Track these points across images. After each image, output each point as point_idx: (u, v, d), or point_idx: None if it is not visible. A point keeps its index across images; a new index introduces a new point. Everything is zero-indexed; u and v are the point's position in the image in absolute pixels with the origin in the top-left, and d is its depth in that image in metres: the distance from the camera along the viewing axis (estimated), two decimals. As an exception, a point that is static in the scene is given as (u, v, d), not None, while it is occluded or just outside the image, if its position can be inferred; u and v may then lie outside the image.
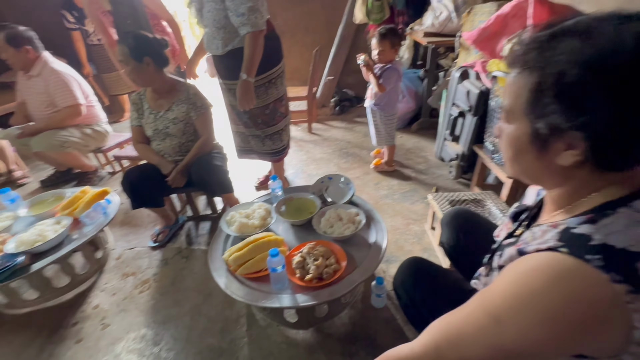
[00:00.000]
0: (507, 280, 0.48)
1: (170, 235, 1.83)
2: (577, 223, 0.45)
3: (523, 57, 0.47)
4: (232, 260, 1.17)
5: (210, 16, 1.53)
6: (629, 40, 0.38)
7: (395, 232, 1.73)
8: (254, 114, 1.78)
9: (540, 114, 0.45)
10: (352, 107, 3.63)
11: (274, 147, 1.94)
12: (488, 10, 1.99)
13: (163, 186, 1.69)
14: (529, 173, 0.54)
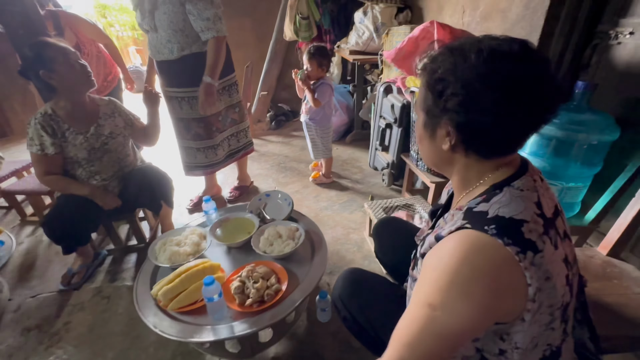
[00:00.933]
0: (429, 267, 0.55)
1: (87, 275, 1.59)
2: (476, 203, 0.55)
3: (423, 65, 0.59)
4: (161, 295, 1.05)
5: (167, 19, 1.49)
6: (473, 56, 0.50)
7: (336, 242, 1.76)
8: (208, 122, 1.77)
9: (425, 105, 0.58)
10: (288, 121, 3.66)
11: (224, 153, 1.93)
12: (403, 31, 2.21)
13: (92, 220, 1.50)
14: (430, 158, 0.65)
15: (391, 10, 2.58)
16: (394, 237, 1.11)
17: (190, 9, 1.47)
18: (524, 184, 0.54)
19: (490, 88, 0.49)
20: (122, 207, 1.56)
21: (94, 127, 1.46)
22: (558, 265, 0.52)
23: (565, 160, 1.22)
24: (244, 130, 2.03)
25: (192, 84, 1.63)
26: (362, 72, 2.87)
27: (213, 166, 1.94)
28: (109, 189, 1.54)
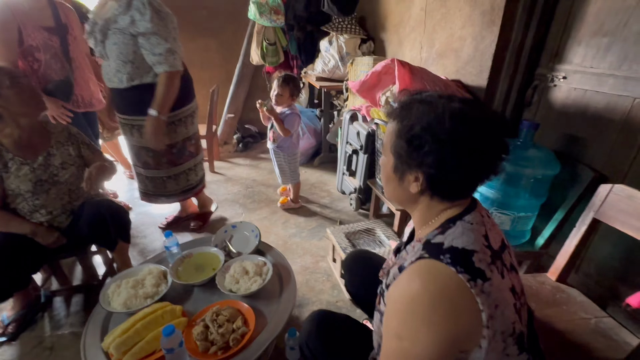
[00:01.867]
0: (393, 299, 0.59)
1: (26, 322, 1.42)
2: (433, 235, 0.60)
3: (393, 112, 0.64)
4: (114, 349, 0.96)
5: (116, 49, 1.46)
6: (447, 120, 0.56)
7: (305, 272, 1.74)
8: (159, 153, 1.71)
9: (397, 152, 0.62)
10: (255, 143, 3.62)
11: (178, 188, 1.85)
12: (367, 62, 2.31)
13: (34, 260, 1.35)
14: (395, 196, 0.69)
15: (355, 41, 2.70)
16: (364, 271, 1.12)
17: (142, 42, 1.45)
18: (474, 219, 0.61)
19: (463, 150, 0.56)
20: (71, 244, 1.44)
21: (43, 156, 1.35)
22: (506, 293, 0.57)
23: (515, 191, 1.32)
24: (200, 162, 1.96)
25: (142, 113, 1.57)
26: (329, 98, 2.94)
27: (164, 197, 1.87)
28: (54, 224, 1.40)
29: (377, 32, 2.78)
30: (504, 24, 1.52)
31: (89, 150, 1.49)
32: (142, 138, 1.67)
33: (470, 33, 1.72)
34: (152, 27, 1.42)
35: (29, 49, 1.62)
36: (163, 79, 1.51)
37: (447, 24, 1.89)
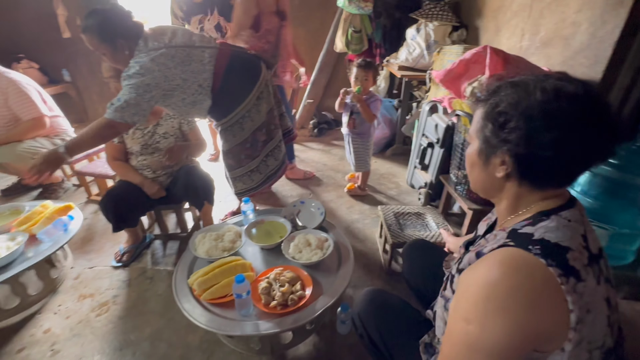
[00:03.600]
0: (466, 283, 0.56)
1: (135, 254, 1.77)
2: (521, 226, 0.57)
3: (482, 97, 0.62)
4: (196, 285, 1.15)
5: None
6: (538, 93, 0.52)
7: (364, 257, 1.77)
8: (235, 152, 1.69)
9: (483, 134, 0.60)
10: (330, 129, 3.73)
11: (261, 176, 1.81)
12: (455, 51, 2.17)
13: (142, 205, 1.70)
14: (480, 183, 0.66)
15: (445, 28, 2.54)
16: (423, 260, 1.11)
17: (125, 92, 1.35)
18: (572, 216, 0.55)
19: (553, 125, 0.51)
20: (169, 199, 1.75)
21: (153, 125, 1.64)
22: (600, 302, 0.51)
23: (620, 203, 1.13)
24: (277, 146, 1.85)
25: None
26: (409, 88, 2.85)
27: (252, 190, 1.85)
28: (158, 181, 1.72)
29: (472, 19, 2.57)
30: (634, 6, 1.27)
31: (187, 126, 1.76)
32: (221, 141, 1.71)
33: (588, 17, 1.47)
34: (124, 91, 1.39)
35: (265, 33, 1.97)
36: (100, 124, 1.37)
37: (559, 7, 1.65)
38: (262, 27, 1.97)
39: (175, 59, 1.36)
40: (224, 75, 1.50)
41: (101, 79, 4.12)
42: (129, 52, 1.34)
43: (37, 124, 2.12)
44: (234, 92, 1.57)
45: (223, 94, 1.51)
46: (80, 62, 4.07)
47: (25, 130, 2.11)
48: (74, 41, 3.91)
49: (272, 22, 2.01)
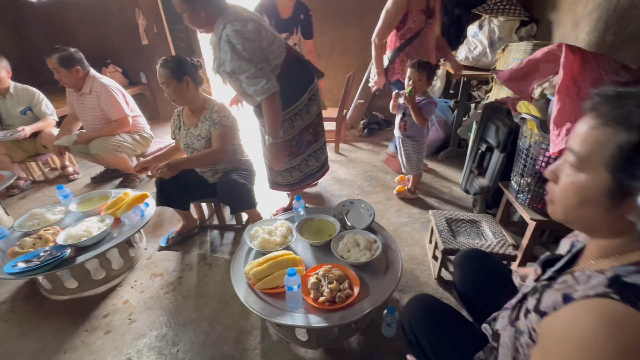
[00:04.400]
0: (557, 337, 0.48)
1: (178, 240, 1.97)
2: (628, 272, 0.46)
3: (604, 109, 0.49)
4: (252, 274, 1.24)
5: (231, 86, 1.61)
6: None
7: (412, 261, 1.74)
8: (282, 147, 1.76)
9: (620, 170, 0.46)
10: (380, 130, 3.69)
11: (300, 174, 1.90)
12: (524, 48, 2.01)
13: (191, 192, 1.86)
14: (586, 222, 0.54)
15: (512, 23, 2.36)
16: (479, 272, 1.05)
17: (236, 80, 1.53)
18: None
19: None
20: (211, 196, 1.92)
21: (194, 126, 1.76)
22: None
23: None
24: (320, 148, 1.94)
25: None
26: (468, 88, 2.70)
27: (289, 186, 1.96)
28: (204, 177, 1.89)
29: (545, 12, 2.35)
30: None
31: (214, 133, 1.72)
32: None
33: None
34: (235, 66, 1.44)
35: (406, 31, 2.10)
36: (264, 105, 1.53)
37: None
38: (406, 25, 2.08)
39: (262, 34, 1.47)
40: (288, 69, 1.60)
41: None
42: (206, 15, 1.43)
43: (122, 123, 2.44)
44: (292, 88, 1.64)
45: (283, 87, 1.56)
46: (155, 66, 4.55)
47: (112, 128, 2.44)
48: (151, 47, 4.38)
49: (419, 20, 2.07)
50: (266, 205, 2.34)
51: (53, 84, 3.72)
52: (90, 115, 2.45)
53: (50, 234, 1.59)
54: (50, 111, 2.74)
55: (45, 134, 2.64)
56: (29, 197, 2.69)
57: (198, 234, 2.05)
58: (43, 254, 1.45)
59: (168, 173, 1.57)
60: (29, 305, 1.60)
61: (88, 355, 1.33)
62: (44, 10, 4.66)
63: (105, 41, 4.54)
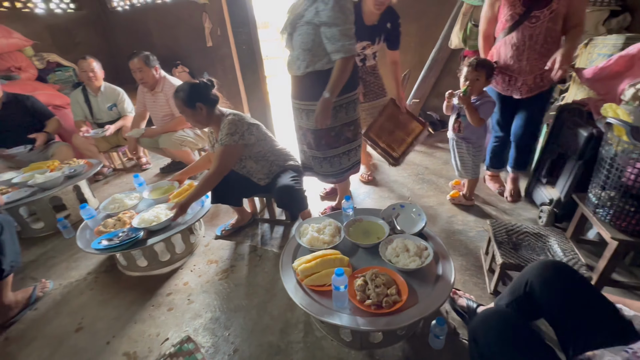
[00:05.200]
0: None
1: (231, 232, 2.10)
2: None
3: None
4: (300, 270, 1.28)
5: (300, 39, 1.61)
6: None
7: (465, 272, 1.64)
8: (319, 135, 1.79)
9: None
10: (435, 131, 3.52)
11: (331, 170, 1.91)
12: (613, 42, 1.77)
13: (242, 190, 1.96)
14: None
15: (599, 14, 2.08)
16: (568, 292, 0.88)
17: (324, 31, 1.54)
18: None
19: None
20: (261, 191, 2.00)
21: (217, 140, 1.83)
22: None
23: None
24: (355, 149, 1.92)
25: (311, 98, 1.70)
26: (539, 87, 2.44)
27: (320, 176, 2.00)
28: (253, 179, 1.94)
29: (643, 0, 2.03)
30: None
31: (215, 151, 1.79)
32: (309, 121, 1.78)
33: None
34: (333, 17, 1.49)
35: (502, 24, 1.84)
36: (339, 64, 1.57)
37: None
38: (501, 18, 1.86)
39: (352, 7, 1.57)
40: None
41: (230, 81, 4.86)
42: None
43: (183, 119, 2.67)
44: (351, 77, 1.67)
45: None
46: (217, 66, 4.87)
47: (175, 124, 2.70)
48: (214, 49, 4.70)
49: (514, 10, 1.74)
50: (315, 205, 2.38)
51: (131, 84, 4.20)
52: (160, 112, 2.73)
53: (127, 217, 1.80)
54: (130, 109, 3.10)
55: (125, 129, 2.99)
56: (111, 183, 3.08)
57: (250, 226, 2.17)
58: (121, 234, 1.65)
59: (182, 213, 1.77)
60: (108, 278, 1.83)
61: (154, 328, 1.49)
62: (127, 17, 5.27)
63: (176, 44, 4.98)
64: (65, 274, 1.88)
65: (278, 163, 1.91)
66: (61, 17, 4.89)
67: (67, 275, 1.87)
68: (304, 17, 1.57)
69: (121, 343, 1.43)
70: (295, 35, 1.65)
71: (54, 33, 4.78)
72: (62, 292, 1.75)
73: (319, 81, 1.63)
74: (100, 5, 5.36)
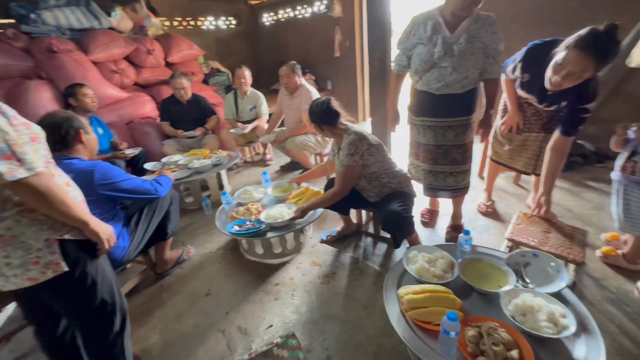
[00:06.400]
0: None
1: (337, 239, 2.19)
2: None
3: None
4: (406, 300, 1.23)
5: (473, 58, 1.68)
6: None
7: (618, 356, 1.29)
8: (448, 150, 1.88)
9: None
10: (586, 165, 2.88)
11: (456, 185, 1.97)
12: None
13: (351, 201, 1.98)
14: None
15: None
16: None
17: (495, 55, 1.70)
18: None
19: None
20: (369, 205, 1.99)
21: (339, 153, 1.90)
22: None
23: None
24: (464, 172, 1.96)
25: (463, 114, 1.82)
26: None
27: (442, 191, 2.02)
28: (363, 193, 1.95)
29: None
30: None
31: (337, 171, 1.89)
32: (455, 137, 1.85)
33: None
34: (502, 45, 1.69)
35: None
36: (495, 83, 1.78)
37: None
38: None
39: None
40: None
41: (350, 90, 5.06)
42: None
43: (308, 124, 2.93)
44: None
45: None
46: (340, 76, 5.15)
47: (300, 128, 3.03)
48: (340, 59, 4.99)
49: None
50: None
51: (266, 87, 4.79)
52: (292, 114, 3.09)
53: (254, 208, 2.09)
54: (265, 112, 3.58)
55: (259, 128, 3.47)
56: (241, 173, 3.62)
57: (354, 237, 2.22)
58: (249, 223, 1.92)
59: (301, 217, 1.90)
60: (232, 256, 2.16)
61: (262, 312, 1.68)
62: (271, 30, 6.08)
63: (308, 54, 5.49)
64: (202, 245, 2.31)
65: (391, 185, 1.88)
66: (224, 31, 6.00)
67: (204, 247, 2.29)
68: (480, 39, 1.66)
69: (236, 317, 1.67)
70: (466, 54, 1.68)
71: (218, 44, 5.90)
72: (200, 260, 2.16)
73: (470, 98, 1.79)
74: (254, 21, 6.34)
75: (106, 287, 1.13)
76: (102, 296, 1.11)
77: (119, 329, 1.19)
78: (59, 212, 0.92)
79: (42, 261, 0.93)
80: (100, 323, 1.15)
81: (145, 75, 3.78)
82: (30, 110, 2.78)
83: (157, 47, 3.80)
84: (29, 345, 1.60)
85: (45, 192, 0.86)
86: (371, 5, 2.00)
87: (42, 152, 0.92)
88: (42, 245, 0.92)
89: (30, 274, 0.92)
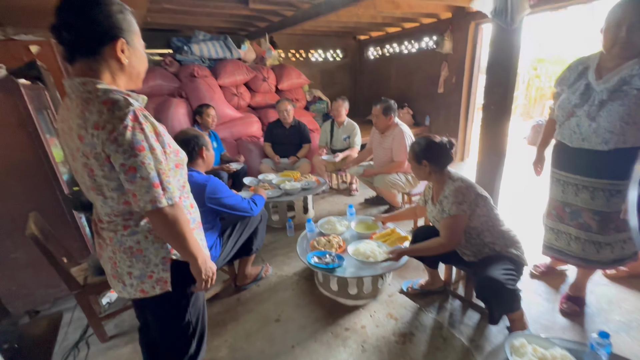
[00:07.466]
0: None
1: (419, 292, 1.98)
2: None
3: None
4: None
5: (622, 110, 1.41)
6: None
7: None
8: (607, 217, 1.56)
9: None
10: None
11: (612, 256, 1.62)
12: None
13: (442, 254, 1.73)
14: None
15: None
16: None
17: None
18: None
19: None
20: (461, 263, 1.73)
21: (437, 204, 1.68)
22: None
23: None
24: (629, 239, 1.59)
25: (610, 177, 1.50)
26: None
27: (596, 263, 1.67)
28: (459, 253, 1.68)
29: None
30: None
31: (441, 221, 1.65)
32: (595, 201, 1.56)
33: None
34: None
35: None
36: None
37: None
38: None
39: None
40: None
41: (451, 127, 4.74)
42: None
43: (399, 165, 2.86)
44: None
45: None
46: (441, 112, 4.89)
47: (391, 167, 2.90)
48: (443, 95, 4.75)
49: None
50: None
51: (362, 117, 4.85)
52: (382, 153, 2.99)
53: (335, 242, 2.04)
54: (357, 142, 3.60)
55: (350, 158, 3.49)
56: (326, 199, 3.67)
57: (439, 295, 1.96)
58: (329, 257, 1.87)
59: (395, 258, 1.76)
60: (306, 285, 2.14)
61: (328, 356, 1.59)
62: (374, 64, 6.22)
63: (408, 88, 5.41)
64: (280, 267, 2.36)
65: (494, 247, 1.60)
66: (330, 63, 6.40)
67: (281, 268, 2.34)
68: (632, 84, 1.37)
69: (301, 354, 1.60)
70: (614, 103, 1.43)
71: (323, 74, 6.31)
72: (276, 281, 2.20)
73: (623, 159, 1.45)
74: (359, 54, 6.62)
75: (195, 311, 1.18)
76: (189, 318, 1.15)
77: (194, 352, 1.21)
78: (177, 243, 0.96)
79: (155, 276, 1.02)
80: (178, 344, 1.19)
81: (257, 99, 4.27)
82: (169, 123, 3.39)
83: (271, 75, 4.27)
84: (130, 324, 1.84)
85: (173, 222, 0.91)
86: (497, 44, 1.80)
87: (181, 178, 1.02)
88: (159, 262, 1.01)
89: (143, 286, 1.02)
